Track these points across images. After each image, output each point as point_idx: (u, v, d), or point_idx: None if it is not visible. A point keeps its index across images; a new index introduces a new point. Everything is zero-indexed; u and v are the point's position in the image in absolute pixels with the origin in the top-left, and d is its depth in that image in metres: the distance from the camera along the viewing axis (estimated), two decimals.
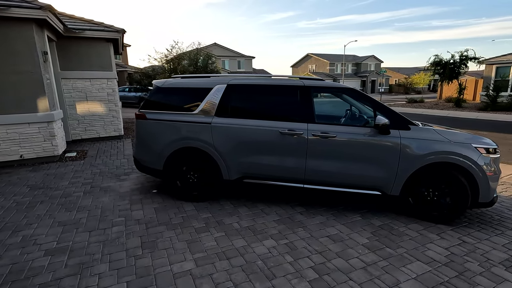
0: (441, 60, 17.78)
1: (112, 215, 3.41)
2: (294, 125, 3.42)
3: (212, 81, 3.77)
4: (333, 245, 2.80)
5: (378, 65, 47.60)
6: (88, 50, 7.08)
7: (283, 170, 3.50)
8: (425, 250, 2.72)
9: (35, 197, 3.93)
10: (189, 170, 3.76)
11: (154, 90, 3.96)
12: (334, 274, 2.36)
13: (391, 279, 2.31)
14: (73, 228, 3.09)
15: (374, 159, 3.28)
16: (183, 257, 2.58)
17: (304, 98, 3.50)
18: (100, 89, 7.38)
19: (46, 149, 5.59)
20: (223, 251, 2.68)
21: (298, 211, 3.54)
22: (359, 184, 3.37)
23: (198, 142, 3.61)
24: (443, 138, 3.19)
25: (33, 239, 2.86)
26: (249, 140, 3.53)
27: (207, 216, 3.38)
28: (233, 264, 2.48)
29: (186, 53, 11.25)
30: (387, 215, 3.45)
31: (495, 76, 18.04)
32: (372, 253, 2.67)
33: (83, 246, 2.74)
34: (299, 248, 2.73)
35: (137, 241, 2.83)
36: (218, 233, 3.00)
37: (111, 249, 2.68)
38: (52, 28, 5.86)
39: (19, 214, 3.42)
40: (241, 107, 3.68)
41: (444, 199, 3.20)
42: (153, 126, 3.79)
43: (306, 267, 2.45)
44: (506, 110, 14.89)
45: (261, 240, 2.88)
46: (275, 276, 2.33)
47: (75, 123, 7.29)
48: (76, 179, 4.72)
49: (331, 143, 3.35)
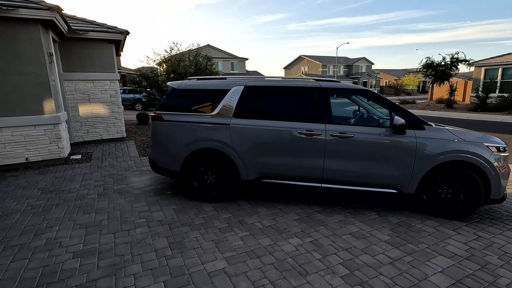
0: (433, 62, 18.23)
1: (132, 216, 3.41)
2: (313, 126, 3.49)
3: (229, 83, 3.81)
4: (357, 242, 2.88)
5: (369, 67, 48.42)
6: (90, 51, 7.01)
7: (301, 169, 3.56)
8: (445, 245, 2.82)
9: (49, 200, 3.89)
10: (206, 171, 3.78)
11: (170, 91, 3.97)
12: (364, 270, 2.43)
13: (419, 273, 2.40)
14: (96, 230, 3.08)
15: (391, 158, 3.38)
16: (213, 256, 2.61)
17: (321, 99, 3.58)
18: (103, 90, 7.31)
19: (52, 151, 5.51)
20: (252, 249, 2.72)
21: (316, 210, 3.61)
22: (376, 183, 3.46)
23: (216, 143, 3.65)
24: (456, 137, 3.32)
25: (58, 242, 2.84)
26: (267, 141, 3.59)
27: (228, 216, 3.42)
28: (264, 262, 2.52)
29: (185, 54, 11.24)
30: (402, 212, 3.56)
31: (484, 78, 18.63)
32: (396, 248, 2.76)
33: (110, 247, 2.74)
34: (325, 246, 2.80)
35: (164, 242, 2.84)
36: (242, 233, 3.04)
37: (140, 250, 2.69)
38: (57, 29, 5.79)
39: (36, 217, 3.38)
40: (259, 108, 3.74)
41: (457, 196, 3.33)
42: (171, 127, 3.81)
43: (335, 263, 2.52)
44: (496, 110, 15.39)
45: (286, 238, 2.94)
46: (308, 273, 2.38)
47: (78, 125, 7.20)
48: (87, 181, 4.68)
49: (349, 143, 3.43)
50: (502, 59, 17.97)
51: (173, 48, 11.18)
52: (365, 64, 48.30)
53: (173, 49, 11.26)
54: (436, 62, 18.09)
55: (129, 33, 7.14)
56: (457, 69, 17.79)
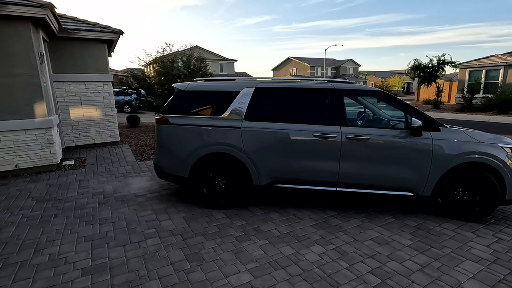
0: (420, 64, 18.68)
1: (140, 226, 3.20)
2: (328, 128, 3.40)
3: (238, 85, 3.67)
4: (380, 248, 2.80)
5: (356, 68, 49.25)
6: (82, 51, 6.69)
7: (316, 173, 3.46)
8: (469, 249, 2.78)
9: (46, 210, 3.61)
10: (216, 177, 3.62)
11: (176, 93, 3.79)
12: (396, 278, 2.34)
13: (451, 279, 2.33)
14: (103, 243, 2.86)
15: (407, 160, 3.32)
16: (235, 268, 2.46)
17: (335, 100, 3.49)
18: (95, 92, 6.99)
19: (44, 157, 5.19)
20: (275, 259, 2.59)
21: (331, 215, 3.51)
22: (392, 186, 3.40)
23: (227, 147, 3.49)
24: (472, 138, 3.30)
25: (63, 257, 2.60)
26: (281, 144, 3.46)
27: (242, 224, 3.27)
28: (291, 273, 2.39)
29: (178, 55, 10.99)
30: (417, 215, 3.51)
31: (468, 79, 19.21)
32: (421, 254, 2.69)
33: (122, 262, 2.54)
34: (349, 253, 2.70)
35: (179, 254, 2.66)
36: (261, 241, 2.90)
37: (155, 264, 2.50)
38: (47, 28, 5.48)
39: (34, 230, 3.12)
40: (271, 111, 3.62)
41: (474, 198, 3.31)
42: (178, 131, 3.62)
43: (364, 272, 2.42)
44: (481, 111, 15.88)
45: (308, 246, 2.82)
46: (339, 284, 2.27)
47: (69, 129, 6.84)
48: (84, 189, 4.41)
49: (365, 145, 3.36)
50: (485, 61, 18.60)
51: (165, 49, 10.91)
52: (352, 66, 49.11)
53: (165, 50, 10.99)
54: (423, 64, 18.53)
55: (123, 33, 6.87)
56: (443, 71, 18.28)
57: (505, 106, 14.74)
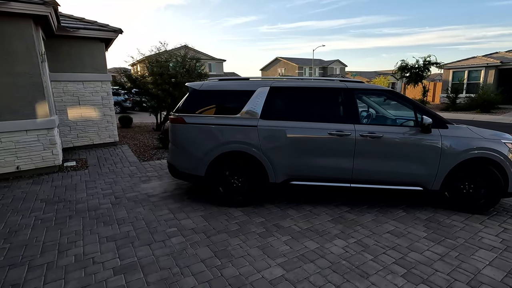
0: (407, 65, 19.28)
1: (160, 226, 3.20)
2: (342, 126, 3.51)
3: (253, 84, 3.73)
4: (399, 240, 2.92)
5: (342, 69, 50.11)
6: (80, 50, 6.55)
7: (331, 170, 3.56)
8: (480, 239, 2.95)
9: (58, 212, 3.54)
10: (232, 175, 3.66)
11: (190, 93, 3.80)
12: (419, 267, 2.47)
13: (470, 267, 2.47)
14: (127, 242, 2.85)
15: (418, 156, 3.48)
16: (266, 263, 2.51)
17: (348, 99, 3.61)
18: (93, 92, 6.85)
19: (46, 158, 5.06)
20: (302, 253, 2.66)
21: (345, 210, 3.62)
22: (403, 181, 3.55)
23: (244, 145, 3.54)
24: (476, 135, 3.49)
25: (89, 258, 2.58)
26: (297, 142, 3.54)
27: (261, 221, 3.32)
28: (320, 266, 2.47)
29: (173, 54, 10.87)
30: (426, 208, 3.68)
31: (452, 80, 19.99)
32: (438, 244, 2.84)
33: (151, 261, 2.54)
34: (371, 246, 2.81)
35: (207, 251, 2.69)
36: (284, 237, 2.97)
37: (186, 262, 2.52)
38: (47, 26, 5.33)
39: (52, 231, 3.06)
40: (286, 110, 3.69)
41: (479, 191, 3.50)
42: (194, 130, 3.64)
43: (389, 262, 2.53)
44: (465, 110, 16.57)
45: (330, 240, 2.91)
46: (368, 274, 2.37)
47: (67, 130, 6.67)
48: (92, 190, 4.34)
49: (378, 142, 3.49)
50: (467, 62, 19.41)
51: (160, 49, 10.77)
52: (339, 66, 49.94)
53: (160, 50, 10.85)
54: (410, 64, 19.13)
55: (123, 31, 6.76)
56: (429, 71, 18.94)
57: (487, 105, 15.44)
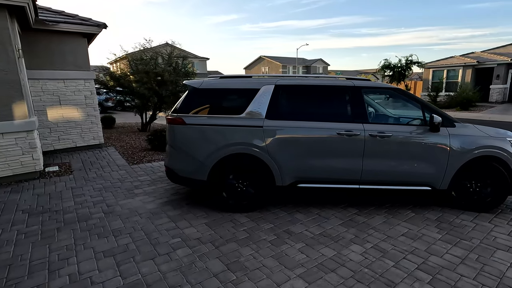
0: (390, 64, 19.72)
1: (162, 236, 2.94)
2: (351, 126, 3.38)
3: (257, 82, 3.53)
4: (415, 243, 2.83)
5: (325, 67, 50.78)
6: (60, 46, 6.07)
7: (339, 171, 3.43)
8: (494, 238, 2.91)
9: (44, 224, 3.19)
10: (237, 179, 3.45)
11: (190, 91, 3.54)
12: (444, 272, 2.37)
13: (493, 270, 2.41)
14: (127, 257, 2.57)
15: (427, 155, 3.41)
16: (284, 275, 2.33)
17: (356, 98, 3.48)
18: (76, 91, 6.38)
19: (26, 164, 4.61)
20: (320, 262, 2.50)
21: (353, 212, 3.50)
22: (412, 181, 3.47)
23: (249, 147, 3.33)
24: (483, 133, 3.48)
25: (87, 277, 2.29)
26: (305, 143, 3.38)
27: (270, 227, 3.14)
28: (343, 276, 2.32)
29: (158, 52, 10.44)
30: (433, 208, 3.63)
31: (432, 79, 20.65)
32: (455, 246, 2.77)
33: (158, 277, 2.29)
34: (389, 250, 2.70)
35: (218, 264, 2.47)
36: (297, 244, 2.80)
37: (197, 277, 2.29)
38: (23, 18, 4.87)
39: (39, 247, 2.73)
40: (292, 109, 3.52)
41: (486, 189, 3.49)
42: (195, 132, 3.39)
43: (412, 268, 2.42)
44: (445, 107, 17.12)
45: (346, 246, 2.77)
46: (394, 283, 2.24)
47: (47, 132, 6.17)
48: (80, 197, 3.98)
49: (387, 142, 3.39)
50: (446, 62, 20.10)
51: (144, 45, 10.30)
52: (322, 65, 50.54)
53: (145, 46, 10.38)
54: (393, 63, 19.57)
55: (107, 26, 6.33)
56: (411, 70, 19.45)
57: (466, 103, 16.03)
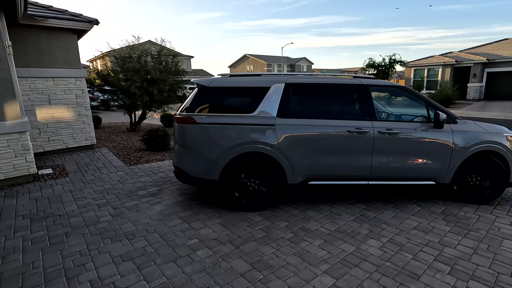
0: (374, 63, 20.26)
1: (178, 238, 2.88)
2: (361, 123, 3.45)
3: (267, 80, 3.52)
4: (428, 236, 2.93)
5: (309, 66, 51.43)
6: (49, 42, 5.79)
7: (349, 168, 3.49)
8: (499, 229, 3.07)
9: (50, 230, 3.05)
10: (249, 177, 3.43)
11: (199, 90, 3.48)
12: (460, 263, 2.47)
13: (505, 258, 2.54)
14: (147, 260, 2.50)
15: (432, 151, 3.54)
16: (311, 272, 2.35)
17: (365, 96, 3.55)
18: (66, 90, 6.11)
19: (19, 167, 4.38)
20: (342, 258, 2.54)
21: (363, 208, 3.58)
22: (418, 176, 3.59)
23: (262, 146, 3.33)
24: (483, 129, 3.64)
25: (109, 283, 2.21)
26: (316, 140, 3.41)
27: (285, 225, 3.15)
28: (367, 270, 2.37)
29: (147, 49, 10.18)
30: (436, 202, 3.77)
31: (413, 77, 21.40)
32: (465, 237, 2.89)
33: (184, 280, 2.25)
34: (405, 244, 2.78)
35: (243, 264, 2.46)
36: (316, 241, 2.83)
37: (224, 277, 2.27)
38: (11, 12, 4.60)
39: (50, 254, 2.60)
40: (303, 107, 3.55)
41: (485, 183, 3.67)
42: (206, 131, 3.34)
43: (430, 260, 2.51)
44: None
45: (363, 241, 2.83)
46: (417, 274, 2.32)
47: (36, 133, 5.87)
48: (82, 200, 3.83)
49: (395, 139, 3.48)
50: (427, 61, 20.89)
51: (134, 43, 10.01)
52: (306, 64, 51.16)
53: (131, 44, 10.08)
54: (377, 62, 20.11)
55: (99, 22, 6.10)
56: (394, 69, 20.07)
57: (446, 100, 16.73)
